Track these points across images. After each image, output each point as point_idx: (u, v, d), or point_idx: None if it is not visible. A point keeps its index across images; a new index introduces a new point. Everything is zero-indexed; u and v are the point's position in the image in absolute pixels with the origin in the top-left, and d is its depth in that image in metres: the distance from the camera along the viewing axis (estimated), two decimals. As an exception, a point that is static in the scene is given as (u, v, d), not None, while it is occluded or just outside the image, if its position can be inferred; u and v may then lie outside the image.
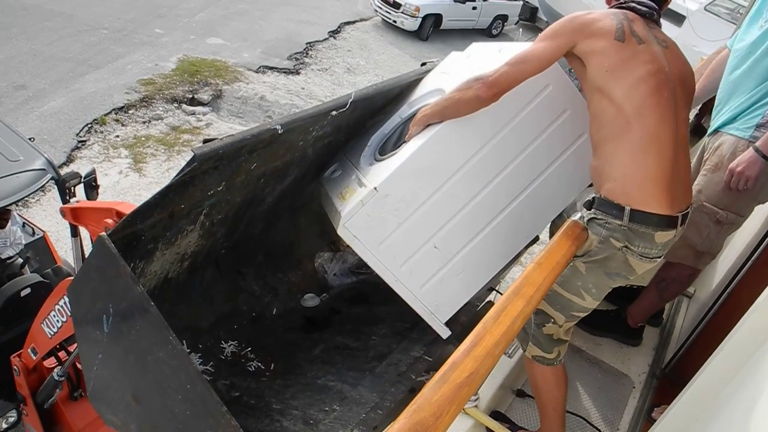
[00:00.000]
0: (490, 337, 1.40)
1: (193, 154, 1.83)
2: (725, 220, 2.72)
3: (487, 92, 2.05)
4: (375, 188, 2.15)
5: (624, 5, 2.18)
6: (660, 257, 2.11)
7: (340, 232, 2.17)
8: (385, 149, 2.51)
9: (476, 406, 2.36)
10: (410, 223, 2.22)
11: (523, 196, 2.39)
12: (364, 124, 2.77)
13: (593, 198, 2.13)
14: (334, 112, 2.35)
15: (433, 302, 2.31)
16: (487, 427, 2.43)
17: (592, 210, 2.11)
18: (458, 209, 2.29)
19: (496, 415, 2.53)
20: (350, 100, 2.41)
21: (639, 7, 2.15)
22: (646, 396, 2.85)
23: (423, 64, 3.02)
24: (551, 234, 2.68)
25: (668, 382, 2.92)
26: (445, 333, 2.36)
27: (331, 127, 2.50)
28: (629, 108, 1.97)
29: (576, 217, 2.14)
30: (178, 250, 2.21)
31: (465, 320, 2.42)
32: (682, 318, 3.52)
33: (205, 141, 1.89)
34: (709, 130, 2.88)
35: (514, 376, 2.73)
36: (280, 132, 2.09)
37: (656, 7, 2.19)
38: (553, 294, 2.23)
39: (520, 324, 1.51)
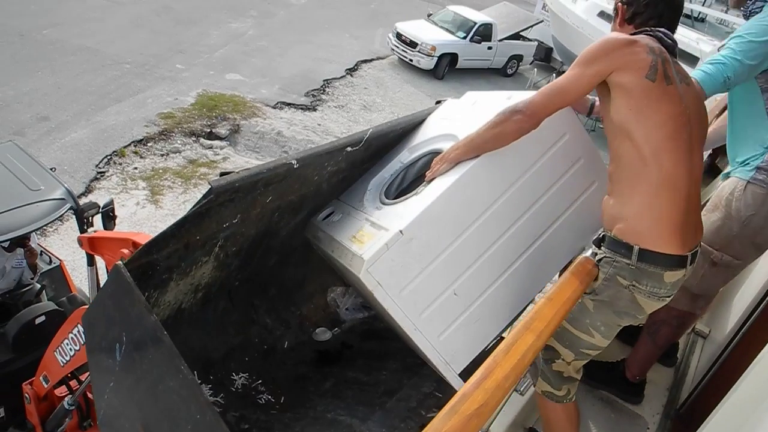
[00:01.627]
0: (500, 370, 1.40)
1: (210, 186, 1.87)
2: (720, 261, 2.65)
3: (529, 122, 2.04)
4: (400, 231, 2.08)
5: (650, 33, 2.09)
6: (669, 297, 2.09)
7: (364, 277, 2.07)
8: (389, 194, 2.50)
9: (486, 444, 2.34)
10: (432, 268, 2.16)
11: (538, 243, 2.37)
12: (378, 160, 2.80)
13: (603, 236, 2.13)
14: (349, 148, 2.39)
15: (449, 352, 2.22)
16: (497, 466, 2.41)
17: (602, 249, 2.10)
18: (479, 254, 2.24)
19: (506, 453, 2.51)
20: (366, 137, 2.45)
21: (666, 39, 2.09)
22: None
23: (438, 102, 3.06)
24: (564, 269, 2.66)
25: (682, 423, 2.87)
26: (458, 384, 2.23)
27: (346, 162, 2.54)
28: (647, 150, 1.95)
29: (587, 253, 2.14)
30: (192, 281, 2.24)
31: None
32: (697, 358, 3.48)
33: (222, 174, 1.93)
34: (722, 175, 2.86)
35: (525, 414, 2.69)
36: (295, 166, 2.13)
37: (675, 39, 2.15)
38: (561, 331, 2.19)
39: (530, 358, 1.51)
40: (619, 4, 2.23)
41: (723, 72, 2.45)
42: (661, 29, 2.11)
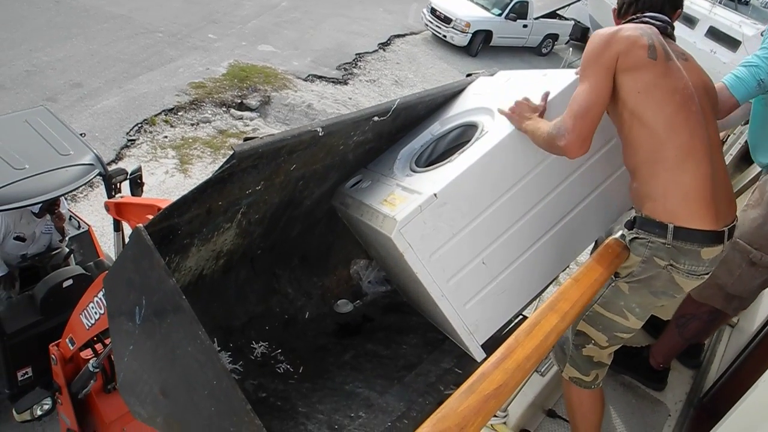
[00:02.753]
0: (521, 350, 1.36)
1: (233, 151, 1.85)
2: (759, 261, 2.53)
3: (578, 152, 1.99)
4: (435, 194, 2.09)
5: (638, 20, 2.14)
6: (708, 274, 2.05)
7: (395, 238, 2.07)
8: (419, 163, 2.49)
9: (505, 423, 2.30)
10: (463, 235, 2.16)
11: (566, 220, 2.36)
12: (405, 131, 2.76)
13: (634, 218, 2.08)
14: (376, 118, 2.34)
15: (473, 322, 2.22)
16: (514, 446, 2.38)
17: (634, 230, 2.05)
18: (509, 226, 2.24)
19: (524, 434, 2.48)
20: (393, 107, 2.40)
21: (654, 21, 2.12)
22: (682, 425, 2.75)
23: (468, 75, 3.00)
24: (593, 250, 2.61)
25: (705, 412, 2.81)
26: (480, 355, 2.26)
27: (373, 133, 2.49)
28: (660, 127, 1.95)
29: (617, 235, 2.08)
30: (213, 248, 2.22)
31: (497, 334, 2.36)
32: (724, 347, 3.40)
33: (246, 139, 1.90)
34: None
35: (545, 395, 2.66)
36: (320, 134, 2.09)
37: (668, 20, 2.17)
38: (594, 315, 2.19)
39: (553, 339, 1.47)
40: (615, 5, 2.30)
41: (757, 75, 2.36)
42: (648, 14, 2.14)
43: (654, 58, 1.96)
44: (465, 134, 2.51)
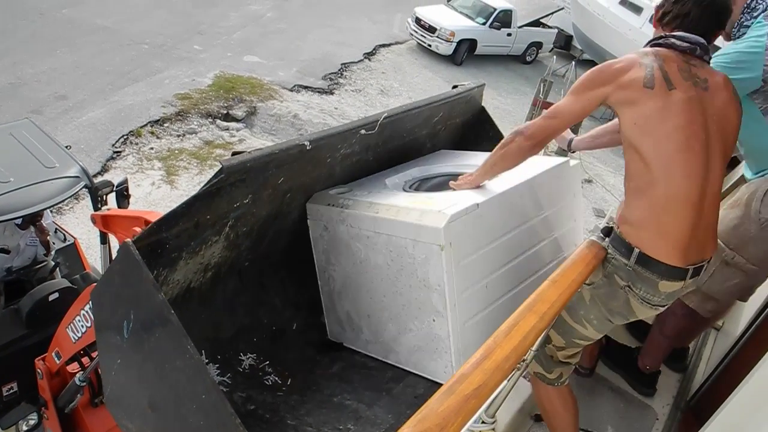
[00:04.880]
0: (500, 351, 1.38)
1: (221, 165, 1.86)
2: (731, 261, 2.56)
3: (527, 142, 2.16)
4: (477, 204, 2.17)
5: (662, 43, 2.04)
6: (663, 306, 2.08)
7: (444, 229, 2.04)
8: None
9: (493, 430, 2.32)
10: (482, 252, 2.22)
11: (550, 267, 2.55)
12: (392, 144, 2.78)
13: (611, 229, 2.10)
14: (363, 131, 2.37)
15: (464, 345, 2.21)
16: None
17: (606, 241, 2.09)
18: (511, 258, 2.37)
19: (513, 440, 2.50)
20: (380, 120, 2.43)
21: (678, 43, 2.00)
22: (670, 429, 2.77)
23: (455, 87, 3.03)
24: None
25: (693, 414, 2.84)
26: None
27: (360, 146, 2.51)
28: (656, 165, 1.91)
29: (594, 237, 2.11)
30: (201, 260, 2.23)
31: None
32: (709, 350, 3.44)
33: (234, 153, 1.92)
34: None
35: (533, 401, 2.68)
36: (308, 148, 2.11)
37: (701, 41, 2.02)
38: (559, 319, 2.22)
39: (531, 340, 1.49)
40: (655, 6, 2.22)
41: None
42: (677, 33, 2.03)
43: (651, 87, 1.89)
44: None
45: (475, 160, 2.82)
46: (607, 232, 2.12)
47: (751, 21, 2.45)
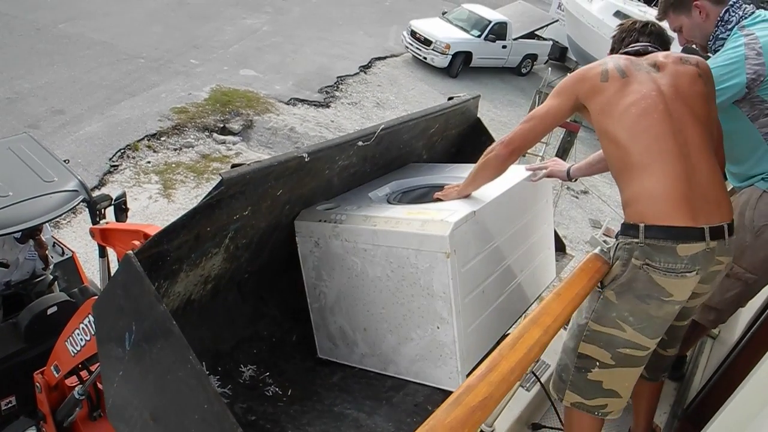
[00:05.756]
0: (505, 363, 1.40)
1: (221, 178, 1.88)
2: (730, 272, 2.53)
3: (505, 149, 2.28)
4: (474, 212, 2.22)
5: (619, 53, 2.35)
6: (693, 272, 2.00)
7: (450, 237, 2.07)
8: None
9: (492, 439, 2.34)
10: (479, 258, 2.25)
11: (533, 266, 2.64)
12: (389, 156, 2.82)
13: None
14: (360, 143, 2.39)
15: (467, 349, 2.21)
16: (502, 461, 2.40)
17: (617, 236, 2.13)
18: (503, 262, 2.41)
19: (511, 449, 2.51)
20: (378, 132, 2.46)
21: (629, 49, 2.32)
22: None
23: (450, 98, 3.07)
24: None
25: (690, 423, 2.86)
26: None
27: (357, 157, 2.54)
28: (622, 138, 2.08)
29: (596, 250, 2.14)
30: (202, 272, 2.24)
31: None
32: (706, 358, 3.46)
33: (233, 166, 1.94)
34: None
35: (531, 410, 2.69)
36: (306, 160, 2.14)
37: (649, 42, 2.34)
38: (591, 333, 2.16)
39: (536, 353, 1.51)
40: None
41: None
42: (633, 45, 2.34)
43: (606, 80, 2.15)
44: (434, 193, 2.65)
45: (448, 171, 2.91)
46: (617, 233, 2.16)
47: (726, 33, 2.53)
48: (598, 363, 2.17)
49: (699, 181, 2.02)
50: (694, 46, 2.76)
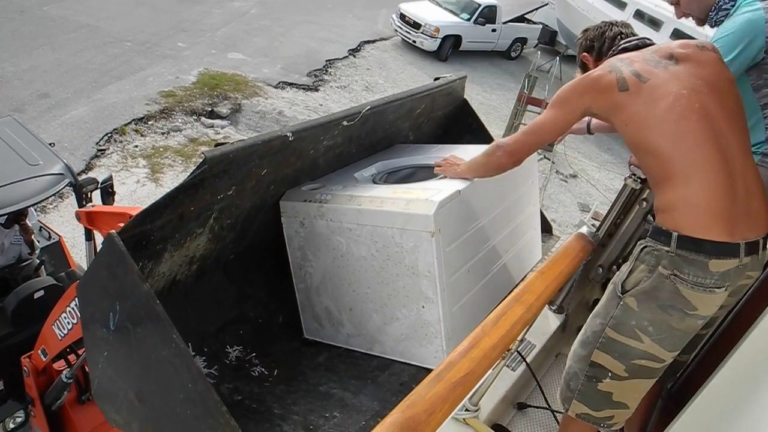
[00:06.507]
0: (487, 340, 1.41)
1: (204, 156, 1.87)
2: None
3: (509, 159, 2.21)
4: (459, 191, 2.22)
5: (617, 52, 2.20)
6: (722, 288, 1.89)
7: (435, 216, 2.07)
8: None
9: (476, 417, 2.34)
10: (464, 238, 2.26)
11: (518, 246, 2.65)
12: (375, 136, 2.81)
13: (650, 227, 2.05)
14: (345, 123, 2.39)
15: (452, 329, 2.22)
16: (487, 439, 2.42)
17: (646, 238, 2.01)
18: (488, 242, 2.42)
19: (497, 428, 2.52)
20: (363, 112, 2.45)
21: (630, 45, 2.18)
22: (651, 416, 2.81)
23: (436, 79, 3.06)
24: None
25: (673, 403, 2.89)
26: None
27: (342, 137, 2.53)
28: (663, 148, 1.91)
29: (582, 230, 2.15)
30: (186, 253, 2.24)
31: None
32: None
33: (217, 145, 1.93)
34: None
35: (516, 390, 2.71)
36: (290, 139, 2.13)
37: (641, 38, 2.22)
38: (607, 341, 2.04)
39: (519, 330, 1.52)
40: (584, 55, 2.37)
41: None
42: (621, 44, 2.22)
43: (626, 89, 1.96)
44: (423, 173, 2.68)
45: (434, 152, 2.90)
46: (646, 232, 2.04)
47: (730, 3, 2.50)
48: (610, 374, 2.07)
49: (740, 192, 1.89)
50: (690, 19, 2.72)
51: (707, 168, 1.87)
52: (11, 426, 4.25)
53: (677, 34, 17.13)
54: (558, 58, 15.94)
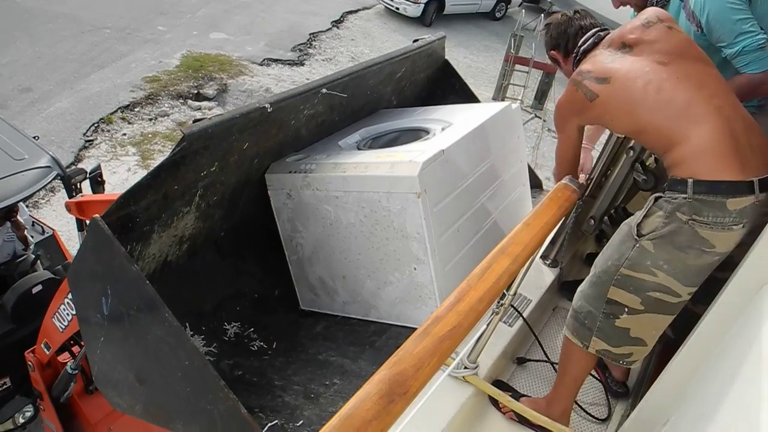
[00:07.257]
0: (474, 293, 1.41)
1: (182, 134, 1.86)
2: None
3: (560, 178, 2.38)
4: (442, 150, 2.22)
5: (579, 58, 2.29)
6: (740, 224, 1.94)
7: (419, 177, 2.08)
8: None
9: (476, 374, 2.35)
10: (452, 197, 2.27)
11: (505, 204, 2.67)
12: (357, 103, 2.79)
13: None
14: (324, 90, 2.36)
15: (446, 288, 2.23)
16: (489, 396, 2.43)
17: (664, 190, 2.05)
18: (476, 199, 2.44)
19: (498, 384, 2.53)
20: (340, 78, 2.43)
21: (587, 45, 2.28)
22: (649, 362, 2.82)
23: (415, 41, 3.02)
24: None
25: (669, 347, 2.91)
26: None
27: (323, 105, 2.51)
28: (656, 120, 2.02)
29: (565, 179, 2.14)
30: (175, 233, 2.23)
31: None
32: None
33: (195, 121, 1.91)
34: None
35: (515, 345, 2.72)
36: (269, 110, 2.11)
37: (598, 27, 2.31)
38: (622, 278, 2.08)
39: (505, 281, 1.52)
40: (553, 52, 2.43)
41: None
42: (581, 40, 2.30)
43: (595, 96, 2.09)
44: (407, 136, 2.68)
45: (417, 114, 2.90)
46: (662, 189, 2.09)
47: None
48: (626, 309, 2.11)
49: (739, 132, 1.96)
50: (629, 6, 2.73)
51: (703, 119, 1.95)
52: (21, 420, 4.28)
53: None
54: (543, 15, 15.77)
